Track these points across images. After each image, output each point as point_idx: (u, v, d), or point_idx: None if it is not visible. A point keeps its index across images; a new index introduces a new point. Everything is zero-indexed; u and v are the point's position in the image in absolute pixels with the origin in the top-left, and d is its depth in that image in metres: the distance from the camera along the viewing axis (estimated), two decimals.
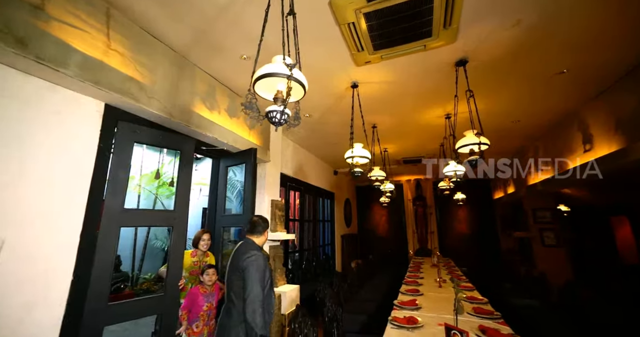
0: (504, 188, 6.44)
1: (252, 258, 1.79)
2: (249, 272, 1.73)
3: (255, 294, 1.69)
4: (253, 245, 1.93)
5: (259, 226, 2.02)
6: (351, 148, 2.78)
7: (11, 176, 1.48)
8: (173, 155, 6.54)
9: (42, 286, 1.53)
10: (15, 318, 1.42)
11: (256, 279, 1.72)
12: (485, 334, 1.81)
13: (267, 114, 1.19)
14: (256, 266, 1.76)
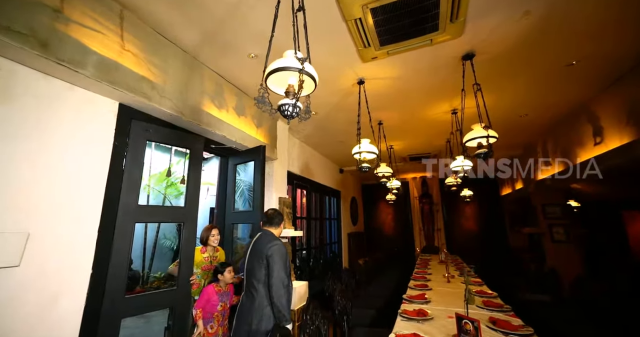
0: (511, 184, 6.38)
1: (276, 247, 1.90)
2: (273, 259, 1.84)
3: (282, 278, 1.80)
4: (273, 235, 2.05)
5: (275, 218, 2.14)
6: (358, 144, 2.80)
7: (34, 172, 1.54)
8: (181, 156, 6.65)
9: (66, 277, 1.59)
10: (43, 307, 1.49)
11: (281, 265, 1.84)
12: (495, 325, 1.82)
13: (280, 107, 1.23)
14: (280, 253, 1.88)
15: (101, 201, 1.86)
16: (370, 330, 2.52)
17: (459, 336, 1.47)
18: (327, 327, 2.02)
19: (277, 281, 1.79)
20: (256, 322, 1.79)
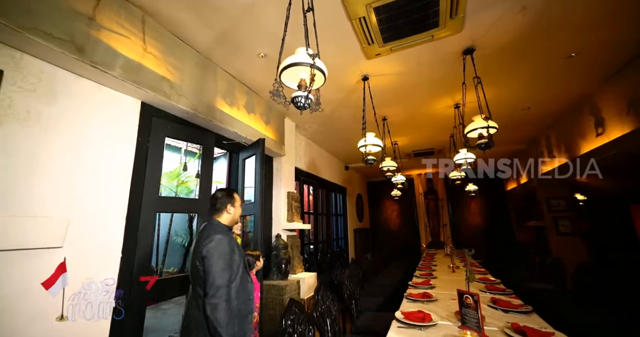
0: (517, 178, 6.43)
1: (212, 244, 1.45)
2: (208, 261, 1.41)
3: (217, 286, 1.37)
4: (217, 226, 1.59)
5: (217, 202, 1.64)
6: (364, 137, 2.92)
7: (72, 163, 1.71)
8: (191, 155, 6.86)
9: (101, 259, 1.75)
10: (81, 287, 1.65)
11: (218, 269, 1.40)
12: (496, 303, 1.93)
13: (293, 99, 1.36)
14: (218, 252, 1.43)
15: (128, 191, 2.02)
16: (377, 314, 2.64)
17: (460, 310, 1.59)
18: (336, 308, 2.15)
19: (212, 290, 1.36)
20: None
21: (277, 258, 3.50)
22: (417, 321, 1.63)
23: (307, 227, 4.33)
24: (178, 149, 6.84)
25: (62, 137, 1.68)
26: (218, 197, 1.68)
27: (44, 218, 1.54)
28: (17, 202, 1.46)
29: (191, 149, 6.92)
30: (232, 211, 1.68)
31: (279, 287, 3.13)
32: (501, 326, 1.54)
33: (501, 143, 4.71)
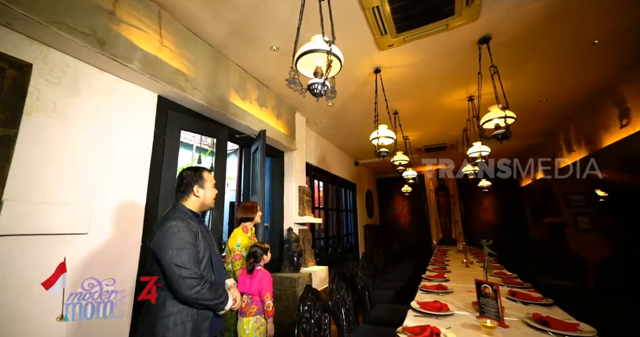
0: (532, 174, 6.27)
1: (159, 233, 1.17)
2: (160, 254, 1.12)
3: (182, 277, 1.10)
4: (177, 212, 1.29)
5: (182, 183, 1.36)
6: (376, 130, 2.90)
7: (95, 154, 1.76)
8: (203, 152, 6.97)
9: (123, 246, 1.80)
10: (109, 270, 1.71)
11: (180, 261, 1.11)
12: (514, 296, 1.89)
13: (309, 86, 1.36)
14: (170, 240, 1.13)
15: (146, 182, 2.07)
16: (390, 306, 2.64)
17: (478, 300, 1.57)
18: (350, 298, 2.16)
19: (180, 284, 1.10)
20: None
21: (289, 251, 3.53)
22: (433, 310, 1.62)
23: (318, 221, 4.35)
24: (190, 146, 6.96)
25: (86, 130, 1.74)
26: (183, 176, 1.37)
27: (70, 205, 1.60)
28: (46, 190, 1.52)
29: (203, 146, 7.03)
30: (200, 193, 1.36)
31: (291, 279, 3.16)
32: (521, 316, 1.51)
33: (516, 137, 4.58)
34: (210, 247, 1.31)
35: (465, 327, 1.41)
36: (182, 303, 1.14)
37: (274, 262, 3.57)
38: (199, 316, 1.17)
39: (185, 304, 1.14)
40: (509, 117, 2.13)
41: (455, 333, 1.27)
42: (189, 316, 1.14)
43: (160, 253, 1.13)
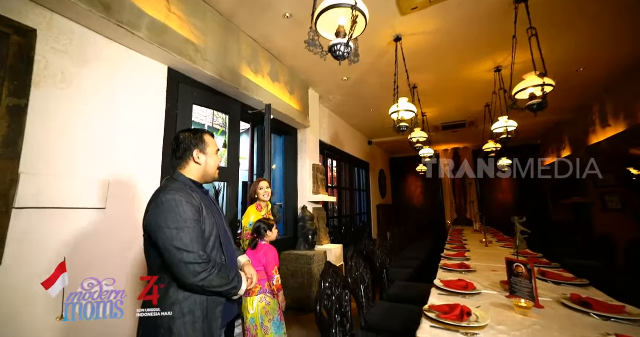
0: (557, 152, 5.96)
1: (163, 207, 0.96)
2: (163, 235, 0.93)
3: (185, 261, 0.92)
4: (175, 182, 1.07)
5: (179, 146, 1.12)
6: (396, 103, 2.73)
7: (104, 129, 1.71)
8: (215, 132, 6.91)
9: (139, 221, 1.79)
10: (126, 245, 1.72)
11: (182, 243, 0.93)
12: (545, 276, 1.80)
13: (331, 48, 1.22)
14: (170, 223, 0.94)
15: (160, 157, 2.03)
16: (408, 283, 2.62)
17: (509, 279, 1.49)
18: (369, 275, 2.13)
19: (182, 271, 0.92)
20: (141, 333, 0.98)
21: (304, 229, 3.53)
22: (459, 289, 1.56)
23: (333, 199, 4.31)
24: (202, 126, 6.92)
25: (97, 102, 1.68)
26: (180, 139, 1.12)
27: (86, 180, 1.57)
28: (61, 164, 1.49)
29: (215, 126, 6.98)
30: (201, 159, 1.12)
31: (306, 257, 3.17)
32: (555, 297, 1.43)
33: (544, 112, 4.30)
34: (218, 223, 1.09)
35: (495, 306, 1.34)
36: (187, 290, 0.96)
37: (289, 240, 3.59)
38: (209, 303, 1.00)
39: (190, 292, 0.97)
40: (547, 85, 1.92)
41: (486, 312, 1.21)
42: (197, 304, 0.96)
43: (157, 233, 0.93)
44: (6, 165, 1.28)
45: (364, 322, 1.77)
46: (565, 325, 1.11)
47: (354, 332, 1.56)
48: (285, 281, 3.20)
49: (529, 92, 2.07)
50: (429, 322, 1.16)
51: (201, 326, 0.96)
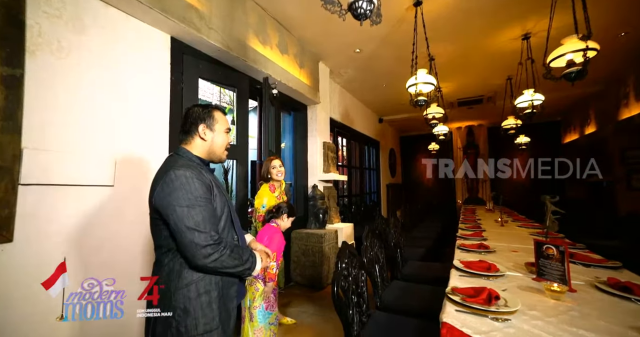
0: (580, 129, 5.65)
1: (174, 184, 0.90)
2: (174, 214, 0.87)
3: (196, 242, 0.86)
4: (181, 158, 1.01)
5: (186, 120, 1.05)
6: (413, 75, 2.53)
7: (107, 103, 1.62)
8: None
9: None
10: (137, 221, 1.69)
11: (193, 222, 0.87)
12: (573, 257, 1.71)
13: (351, 5, 1.06)
14: (181, 200, 0.88)
15: (167, 133, 1.94)
16: (422, 263, 2.58)
17: (537, 261, 1.40)
18: (383, 255, 2.08)
19: (193, 252, 0.87)
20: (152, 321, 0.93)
21: (315, 208, 3.49)
22: (481, 270, 1.49)
23: (344, 178, 4.23)
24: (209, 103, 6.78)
25: (97, 74, 1.57)
26: (189, 113, 1.05)
27: (93, 156, 1.51)
28: (65, 139, 1.42)
29: (222, 103, 6.82)
30: (208, 136, 1.04)
31: (317, 235, 3.16)
32: (588, 280, 1.34)
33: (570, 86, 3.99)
34: (228, 202, 1.05)
35: (522, 289, 1.27)
36: (199, 271, 0.92)
37: (299, 219, 3.56)
38: (224, 283, 0.97)
39: (202, 272, 0.93)
40: (590, 49, 1.70)
41: (514, 296, 1.13)
42: (212, 284, 0.93)
43: (167, 212, 0.88)
44: (7, 140, 1.22)
45: (379, 301, 1.74)
46: (606, 311, 1.03)
47: (370, 312, 1.53)
48: (296, 259, 3.21)
49: (567, 58, 1.85)
50: (453, 305, 1.10)
51: (217, 305, 0.94)
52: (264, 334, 1.69)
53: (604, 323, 0.94)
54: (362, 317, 1.43)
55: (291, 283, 3.21)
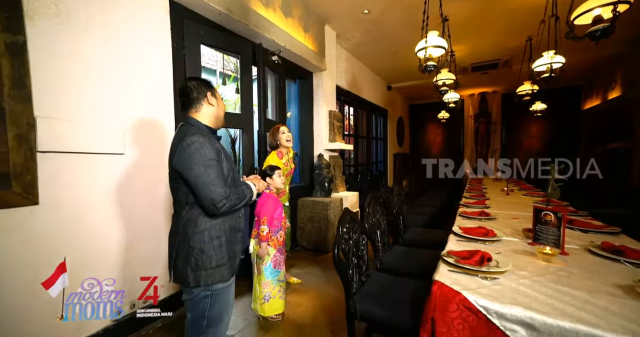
0: (603, 94, 5.34)
1: (191, 149, 1.04)
2: (193, 173, 1.04)
3: (211, 199, 1.04)
4: (193, 127, 1.14)
5: (192, 90, 1.16)
6: (424, 38, 2.38)
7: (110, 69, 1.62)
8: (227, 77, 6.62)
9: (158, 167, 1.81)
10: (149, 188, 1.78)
11: (208, 179, 1.04)
12: (572, 223, 1.74)
13: None
14: (199, 161, 1.04)
15: (172, 101, 1.95)
16: (424, 229, 2.67)
17: (534, 226, 1.44)
18: (385, 221, 2.16)
19: (208, 203, 1.05)
20: (174, 258, 1.11)
21: (320, 177, 3.55)
22: (479, 235, 1.54)
23: (349, 147, 4.23)
24: (213, 71, 6.61)
25: (98, 39, 1.55)
26: (193, 85, 1.16)
27: (102, 125, 1.56)
28: (74, 108, 1.45)
29: (227, 71, 6.64)
30: (214, 102, 1.19)
31: (323, 203, 3.26)
32: (582, 244, 1.39)
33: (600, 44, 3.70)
34: (232, 166, 1.22)
35: (516, 252, 1.33)
36: (213, 219, 1.13)
37: (306, 187, 3.65)
38: (230, 230, 1.18)
39: (217, 220, 1.13)
40: (622, 2, 1.55)
41: (507, 258, 1.19)
42: (221, 231, 1.14)
43: (187, 172, 1.05)
44: (20, 108, 1.26)
45: (379, 264, 1.84)
46: (593, 271, 1.08)
47: (369, 272, 1.64)
48: (302, 225, 3.36)
49: (594, 14, 1.70)
50: (447, 266, 1.17)
51: (226, 247, 1.16)
52: (271, 288, 1.86)
53: (589, 282, 0.99)
54: (362, 276, 1.54)
55: (298, 247, 3.40)
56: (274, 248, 1.88)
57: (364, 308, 1.32)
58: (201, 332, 1.13)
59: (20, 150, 1.26)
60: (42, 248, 1.34)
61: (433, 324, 0.97)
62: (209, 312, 1.12)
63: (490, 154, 7.74)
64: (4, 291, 1.24)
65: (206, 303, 1.12)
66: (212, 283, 1.11)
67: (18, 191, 1.25)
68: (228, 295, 1.19)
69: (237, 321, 1.91)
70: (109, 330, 1.59)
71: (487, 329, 0.90)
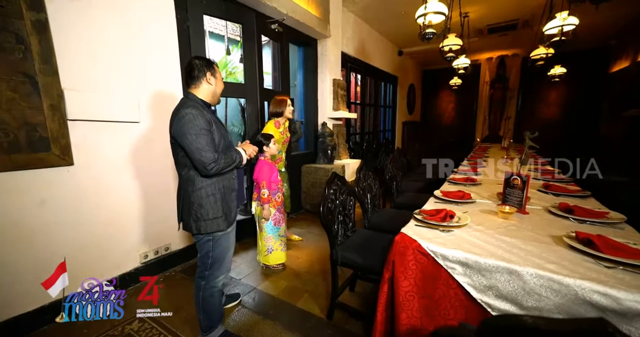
0: (632, 56, 4.95)
1: (185, 119, 1.21)
2: (186, 140, 1.22)
3: (202, 162, 1.23)
4: (190, 100, 1.31)
5: (194, 68, 1.33)
6: (424, 4, 2.32)
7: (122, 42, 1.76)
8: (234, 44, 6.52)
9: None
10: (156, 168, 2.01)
11: (200, 145, 1.22)
12: (548, 188, 1.86)
13: None
14: (191, 130, 1.21)
15: (179, 72, 2.09)
16: (417, 194, 2.84)
17: (504, 191, 1.57)
18: (377, 186, 2.34)
19: (200, 166, 1.24)
20: (180, 210, 1.38)
21: (323, 144, 3.70)
22: (455, 198, 1.70)
23: (353, 116, 4.29)
24: (221, 37, 6.50)
25: (109, 14, 1.68)
26: (194, 64, 1.33)
27: (119, 95, 1.75)
28: (94, 80, 1.64)
29: (234, 37, 6.52)
30: (212, 81, 1.36)
31: (325, 169, 3.45)
32: (547, 206, 1.52)
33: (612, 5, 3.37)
34: (224, 136, 1.39)
35: (482, 212, 1.49)
36: (208, 179, 1.31)
37: (310, 154, 3.83)
38: (225, 189, 1.37)
39: (211, 180, 1.32)
40: None
41: (471, 217, 1.36)
42: (217, 189, 1.34)
43: (181, 139, 1.23)
44: (49, 81, 1.47)
45: (367, 222, 2.06)
46: (539, 226, 1.24)
47: (355, 229, 1.86)
48: (306, 189, 3.60)
49: None
50: (415, 222, 1.36)
51: (221, 203, 1.36)
52: (273, 242, 2.15)
53: (529, 233, 1.17)
54: (347, 232, 1.76)
55: (301, 210, 3.68)
56: (274, 208, 2.13)
57: (345, 255, 1.56)
58: (207, 268, 1.40)
59: (55, 118, 1.49)
60: (80, 199, 1.63)
61: (393, 265, 1.19)
62: (212, 253, 1.38)
63: (503, 123, 7.54)
64: (58, 231, 1.57)
65: (209, 245, 1.37)
66: (211, 231, 1.34)
67: (57, 153, 1.51)
68: (228, 241, 1.44)
69: (243, 269, 2.24)
70: (139, 269, 1.95)
71: (433, 268, 1.11)
